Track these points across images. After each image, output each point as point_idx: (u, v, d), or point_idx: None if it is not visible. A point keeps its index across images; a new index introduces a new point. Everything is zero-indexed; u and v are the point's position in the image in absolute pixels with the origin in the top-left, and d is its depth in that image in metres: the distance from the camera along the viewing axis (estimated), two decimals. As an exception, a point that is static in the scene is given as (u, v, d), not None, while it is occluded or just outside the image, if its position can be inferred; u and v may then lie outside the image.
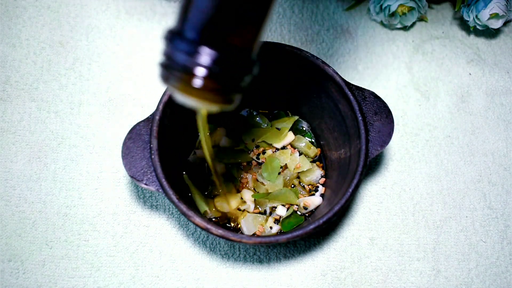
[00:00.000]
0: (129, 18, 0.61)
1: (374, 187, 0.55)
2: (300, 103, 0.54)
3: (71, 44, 0.59)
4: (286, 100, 0.55)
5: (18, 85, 0.57)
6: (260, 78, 0.51)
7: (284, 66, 0.48)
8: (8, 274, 0.49)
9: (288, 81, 0.51)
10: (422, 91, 0.59)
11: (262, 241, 0.40)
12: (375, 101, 0.46)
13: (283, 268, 0.51)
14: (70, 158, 0.54)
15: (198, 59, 0.28)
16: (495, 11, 0.57)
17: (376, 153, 0.44)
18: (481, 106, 0.59)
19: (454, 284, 0.51)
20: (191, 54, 0.28)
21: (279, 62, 0.48)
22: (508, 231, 0.54)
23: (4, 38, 0.59)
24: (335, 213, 0.41)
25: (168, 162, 0.45)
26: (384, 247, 0.52)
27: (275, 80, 0.51)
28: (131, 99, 0.57)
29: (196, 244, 0.51)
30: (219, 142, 0.53)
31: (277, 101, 0.55)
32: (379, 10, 0.60)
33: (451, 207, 0.54)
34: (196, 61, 0.28)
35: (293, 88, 0.51)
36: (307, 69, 0.47)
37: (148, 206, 0.52)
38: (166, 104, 0.44)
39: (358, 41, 0.62)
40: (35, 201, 0.52)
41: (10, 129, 0.55)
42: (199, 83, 0.29)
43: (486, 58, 0.62)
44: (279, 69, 0.49)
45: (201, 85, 0.29)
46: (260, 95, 0.55)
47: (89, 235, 0.51)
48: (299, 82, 0.50)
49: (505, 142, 0.57)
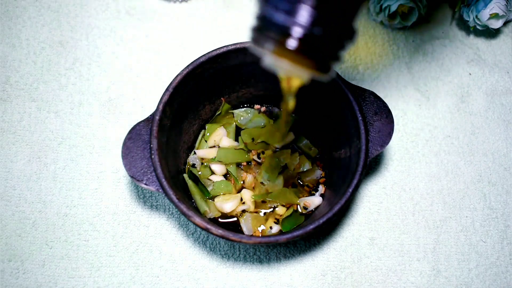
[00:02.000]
0: (129, 18, 0.61)
1: (374, 187, 0.54)
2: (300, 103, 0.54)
3: (71, 44, 0.59)
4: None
5: (18, 85, 0.57)
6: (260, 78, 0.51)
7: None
8: (8, 274, 0.49)
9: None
10: (422, 91, 0.59)
11: (262, 241, 0.40)
12: (375, 101, 0.46)
13: (283, 268, 0.51)
14: (70, 158, 0.54)
15: (296, 18, 0.26)
16: (495, 11, 0.57)
17: (376, 153, 0.44)
18: (481, 106, 0.59)
19: (454, 284, 0.51)
20: (289, 12, 0.26)
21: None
22: (508, 231, 0.54)
23: (4, 38, 0.59)
24: (335, 213, 0.41)
25: (168, 162, 0.45)
26: (384, 247, 0.52)
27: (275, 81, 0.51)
28: (131, 99, 0.57)
29: (196, 244, 0.51)
30: (219, 142, 0.53)
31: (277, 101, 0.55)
32: (379, 10, 0.60)
33: (451, 207, 0.54)
34: (294, 20, 0.26)
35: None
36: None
37: (148, 206, 0.52)
38: (166, 104, 0.44)
39: (358, 41, 0.62)
40: (35, 201, 0.52)
41: (10, 129, 0.55)
42: (295, 44, 0.27)
43: (486, 58, 0.62)
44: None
45: (296, 46, 0.27)
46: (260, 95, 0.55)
47: (89, 235, 0.51)
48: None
49: (505, 142, 0.57)
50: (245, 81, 0.52)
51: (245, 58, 0.47)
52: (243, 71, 0.50)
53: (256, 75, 0.51)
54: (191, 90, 0.47)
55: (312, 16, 0.26)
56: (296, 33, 0.26)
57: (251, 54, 0.47)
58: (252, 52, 0.46)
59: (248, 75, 0.51)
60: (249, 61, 0.48)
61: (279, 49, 0.27)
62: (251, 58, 0.48)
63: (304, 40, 0.27)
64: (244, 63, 0.48)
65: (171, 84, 0.44)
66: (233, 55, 0.46)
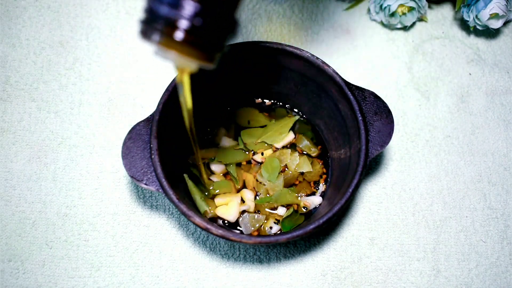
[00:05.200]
0: (129, 18, 0.61)
1: (374, 187, 0.54)
2: (300, 103, 0.54)
3: (71, 44, 0.59)
4: (285, 100, 0.55)
5: (18, 85, 0.57)
6: (261, 78, 0.51)
7: (284, 66, 0.48)
8: (8, 274, 0.49)
9: (288, 81, 0.51)
10: (422, 91, 0.59)
11: (262, 241, 0.40)
12: (375, 101, 0.46)
13: (283, 268, 0.51)
14: (70, 158, 0.54)
15: (180, 11, 0.28)
16: (495, 11, 0.57)
17: (376, 153, 0.44)
18: (481, 106, 0.59)
19: (454, 284, 0.51)
20: (174, 6, 0.28)
21: (279, 62, 0.48)
22: (508, 231, 0.54)
23: (4, 38, 0.59)
24: (335, 213, 0.41)
25: (168, 162, 0.45)
26: (384, 247, 0.52)
27: (275, 80, 0.51)
28: (131, 99, 0.57)
29: (196, 244, 0.51)
30: (219, 142, 0.53)
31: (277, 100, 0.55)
32: (379, 10, 0.60)
33: (451, 207, 0.54)
34: (178, 13, 0.28)
35: (293, 88, 0.51)
36: (307, 69, 0.47)
37: (148, 206, 0.52)
38: (166, 104, 0.44)
39: (358, 41, 0.62)
40: (35, 201, 0.52)
41: (10, 129, 0.55)
42: (181, 35, 0.28)
43: (486, 58, 0.62)
44: (279, 69, 0.49)
45: (182, 37, 0.28)
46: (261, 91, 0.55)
47: (89, 235, 0.51)
48: (299, 82, 0.50)
49: (505, 142, 0.57)
50: (245, 79, 0.52)
51: (244, 57, 0.47)
52: (242, 69, 0.50)
53: (255, 72, 0.51)
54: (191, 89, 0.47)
55: (194, 8, 0.28)
56: (180, 25, 0.28)
57: (251, 52, 0.47)
58: (252, 50, 0.46)
59: (248, 73, 0.51)
60: (249, 59, 0.48)
61: (166, 41, 0.29)
62: (251, 56, 0.48)
63: (188, 31, 0.28)
64: (243, 61, 0.48)
65: (171, 84, 0.44)
66: (232, 54, 0.46)
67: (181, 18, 0.28)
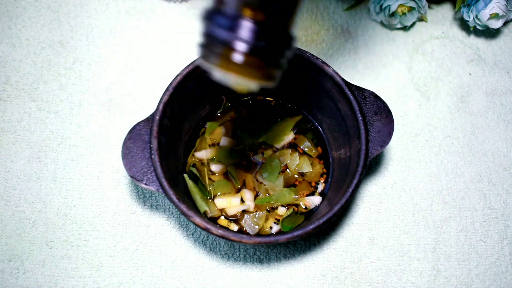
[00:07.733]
0: (129, 18, 0.61)
1: (374, 187, 0.55)
2: (300, 103, 0.54)
3: (71, 44, 0.59)
4: (286, 100, 0.55)
5: (18, 85, 0.57)
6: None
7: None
8: (8, 274, 0.49)
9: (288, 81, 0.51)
10: (422, 91, 0.59)
11: (262, 241, 0.40)
12: (375, 101, 0.46)
13: (283, 268, 0.51)
14: (70, 158, 0.54)
15: (238, 33, 0.28)
16: (495, 11, 0.57)
17: (376, 153, 0.44)
18: (481, 106, 0.59)
19: (454, 284, 0.51)
20: (231, 29, 0.28)
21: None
22: (508, 231, 0.54)
23: (4, 38, 0.59)
24: (335, 213, 0.41)
25: (168, 162, 0.45)
26: (384, 247, 0.52)
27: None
28: (131, 99, 0.57)
29: (196, 244, 0.51)
30: (219, 142, 0.53)
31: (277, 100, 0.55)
32: (379, 10, 0.60)
33: (451, 207, 0.54)
34: (236, 35, 0.28)
35: (293, 88, 0.51)
36: (307, 69, 0.47)
37: (148, 206, 0.52)
38: (166, 104, 0.44)
39: (358, 41, 0.62)
40: (35, 201, 0.52)
41: (10, 129, 0.55)
42: (240, 58, 0.28)
43: (486, 58, 0.62)
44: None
45: (241, 60, 0.28)
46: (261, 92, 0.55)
47: (89, 235, 0.51)
48: (299, 82, 0.50)
49: (505, 142, 0.57)
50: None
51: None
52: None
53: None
54: (191, 90, 0.47)
55: (252, 30, 0.28)
56: (238, 47, 0.28)
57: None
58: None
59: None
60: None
61: (225, 63, 0.29)
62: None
63: (247, 53, 0.28)
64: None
65: (171, 84, 0.44)
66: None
67: (239, 40, 0.28)
